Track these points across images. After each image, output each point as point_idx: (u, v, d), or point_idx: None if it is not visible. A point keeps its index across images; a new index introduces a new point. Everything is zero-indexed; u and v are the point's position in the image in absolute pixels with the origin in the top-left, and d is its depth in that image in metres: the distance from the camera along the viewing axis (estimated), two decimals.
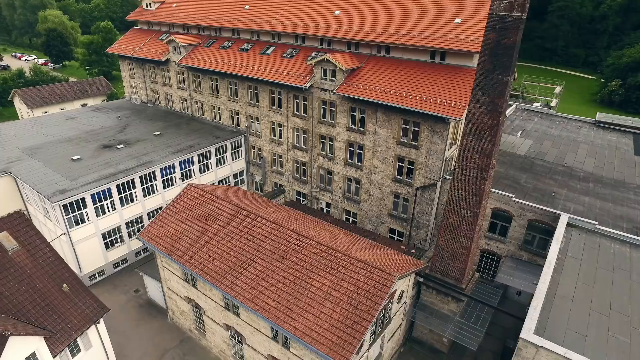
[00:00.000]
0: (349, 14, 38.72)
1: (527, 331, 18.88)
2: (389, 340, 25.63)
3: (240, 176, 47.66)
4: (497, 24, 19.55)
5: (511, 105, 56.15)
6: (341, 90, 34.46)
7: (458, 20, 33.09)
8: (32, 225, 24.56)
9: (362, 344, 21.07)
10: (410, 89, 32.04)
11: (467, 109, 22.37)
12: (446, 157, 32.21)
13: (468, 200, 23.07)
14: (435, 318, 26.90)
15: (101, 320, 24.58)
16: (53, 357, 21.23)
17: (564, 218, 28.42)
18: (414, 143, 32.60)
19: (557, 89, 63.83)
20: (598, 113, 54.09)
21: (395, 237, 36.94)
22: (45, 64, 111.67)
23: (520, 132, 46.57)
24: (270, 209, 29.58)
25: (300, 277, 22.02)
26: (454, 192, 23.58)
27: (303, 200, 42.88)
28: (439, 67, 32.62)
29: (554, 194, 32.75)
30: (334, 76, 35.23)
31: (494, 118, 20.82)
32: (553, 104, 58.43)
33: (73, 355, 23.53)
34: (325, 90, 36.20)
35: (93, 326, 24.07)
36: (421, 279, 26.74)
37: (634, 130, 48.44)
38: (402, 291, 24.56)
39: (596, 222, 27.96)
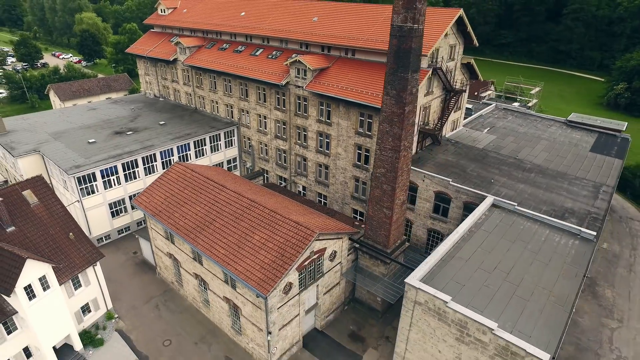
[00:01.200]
0: (324, 21, 44.48)
1: (412, 278, 24.14)
2: (325, 294, 31.26)
3: (233, 162, 54.30)
4: (397, 33, 24.89)
5: (491, 104, 60.15)
6: (310, 87, 40.30)
7: None
8: (49, 187, 31.85)
9: (289, 286, 26.90)
10: (367, 86, 37.45)
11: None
12: None
13: (387, 177, 28.41)
14: (369, 279, 32.27)
15: (98, 263, 31.55)
16: (60, 285, 28.16)
17: (489, 199, 33.15)
18: (368, 133, 38.01)
19: (535, 90, 66.71)
20: (573, 113, 57.21)
21: (358, 217, 42.33)
22: (79, 61, 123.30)
23: (488, 128, 50.81)
24: (241, 184, 35.81)
25: (246, 232, 28.09)
26: (376, 170, 29.00)
27: (282, 183, 48.94)
28: None
29: (492, 180, 37.29)
30: (305, 75, 41.10)
31: (401, 108, 26.14)
32: (530, 104, 61.60)
33: (75, 288, 30.58)
34: (298, 87, 42.12)
35: (91, 267, 31.04)
36: (357, 245, 32.20)
37: (599, 130, 51.48)
38: (335, 251, 30.15)
39: (516, 204, 32.54)
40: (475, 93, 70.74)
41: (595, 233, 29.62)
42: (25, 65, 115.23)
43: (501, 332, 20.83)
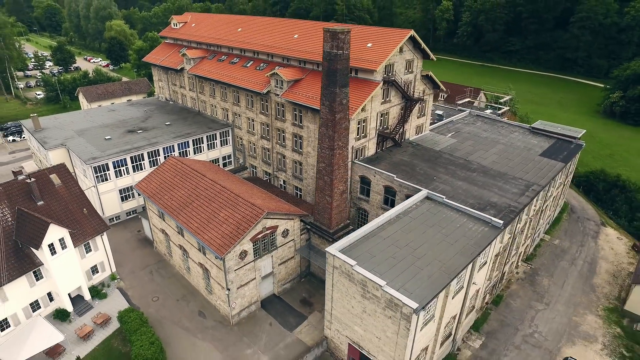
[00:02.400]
0: (303, 39, 52.19)
1: (331, 248, 31.38)
2: (280, 265, 38.90)
3: (228, 158, 62.75)
4: (327, 57, 32.32)
5: (465, 111, 66.08)
6: (284, 95, 48.10)
7: (370, 44, 45.40)
8: (70, 172, 40.98)
9: (244, 253, 34.70)
10: None
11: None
12: (353, 146, 44.62)
13: (326, 170, 35.80)
14: (318, 255, 39.64)
15: (105, 234, 40.38)
16: (74, 247, 37.02)
17: (423, 193, 39.87)
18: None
19: (505, 98, 71.86)
20: (539, 121, 62.38)
21: None
22: (107, 65, 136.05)
23: (452, 133, 57.03)
24: (221, 175, 43.97)
25: (215, 210, 36.14)
26: (319, 164, 36.44)
27: (267, 178, 56.91)
28: (353, 80, 45.08)
29: (435, 178, 43.89)
30: (282, 85, 48.92)
31: (333, 115, 33.51)
32: (501, 111, 67.01)
33: (87, 252, 39.49)
34: (277, 95, 49.98)
35: (99, 236, 39.89)
36: (308, 226, 39.67)
37: (558, 136, 56.62)
38: (287, 229, 37.77)
39: (444, 197, 39.08)
40: (458, 100, 76.71)
41: (502, 222, 35.81)
42: (60, 69, 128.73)
43: (388, 288, 27.83)
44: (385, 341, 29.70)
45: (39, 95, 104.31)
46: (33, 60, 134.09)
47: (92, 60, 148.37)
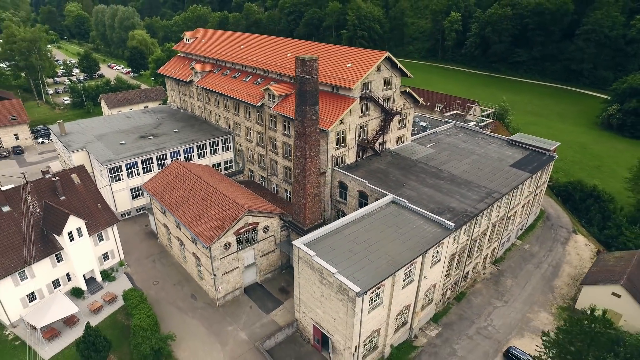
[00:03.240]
0: (294, 57, 58.59)
1: (297, 241, 37.44)
2: (262, 257, 45.24)
3: (229, 163, 69.73)
4: (299, 80, 38.65)
5: (450, 123, 71.14)
6: (275, 108, 54.66)
7: (350, 64, 51.51)
8: (87, 173, 48.51)
9: (228, 245, 41.18)
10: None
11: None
12: (332, 155, 50.67)
13: (300, 176, 42.00)
14: None
15: (115, 226, 47.64)
16: (89, 236, 44.31)
17: (389, 197, 45.53)
18: None
19: (488, 111, 76.33)
20: (518, 133, 66.87)
21: None
22: (128, 73, 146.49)
23: (432, 143, 62.32)
24: (216, 178, 50.73)
25: (207, 207, 42.82)
26: (294, 170, 42.67)
27: (261, 181, 63.47)
28: (334, 95, 51.28)
29: (404, 185, 49.45)
30: (274, 99, 55.50)
31: (304, 129, 39.76)
32: (483, 123, 71.74)
33: (99, 241, 46.79)
34: (270, 107, 56.59)
35: (110, 228, 47.18)
36: (287, 224, 45.89)
37: (532, 148, 61.04)
38: (267, 226, 44.09)
39: (407, 201, 44.63)
40: (447, 112, 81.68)
41: (453, 224, 41.10)
42: (85, 76, 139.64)
43: (338, 275, 33.68)
44: (339, 321, 35.52)
45: (66, 101, 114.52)
46: (62, 67, 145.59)
47: (114, 68, 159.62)
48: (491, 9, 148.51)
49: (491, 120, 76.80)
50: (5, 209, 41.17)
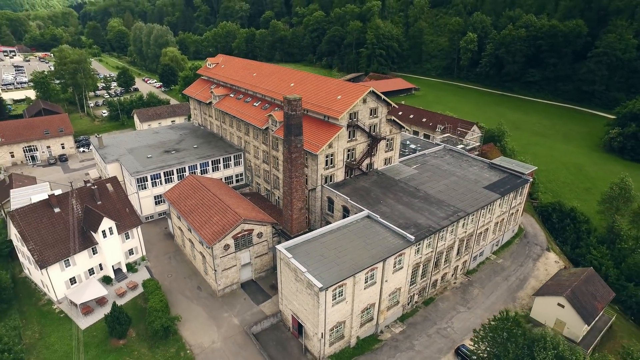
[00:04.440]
0: (297, 86, 68.73)
1: (280, 246, 46.83)
2: (256, 258, 54.96)
3: (240, 176, 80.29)
4: (286, 116, 48.39)
5: (440, 145, 78.88)
6: (276, 132, 64.64)
7: (339, 97, 60.92)
8: (119, 182, 60.02)
9: (227, 246, 51.16)
10: (307, 135, 60.59)
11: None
12: (322, 174, 59.99)
13: (288, 192, 51.53)
14: None
15: (139, 227, 58.71)
16: (118, 234, 55.46)
17: (365, 212, 54.24)
18: (306, 165, 61.06)
19: (475, 135, 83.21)
20: (500, 157, 73.79)
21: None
22: (160, 87, 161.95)
23: (418, 165, 70.42)
24: (223, 190, 61.07)
25: (211, 215, 53.06)
26: (283, 188, 52.26)
27: (265, 193, 73.50)
28: (324, 123, 60.75)
29: (382, 202, 58.02)
30: (276, 124, 65.56)
31: (290, 154, 49.37)
32: (469, 147, 78.95)
33: (126, 238, 57.93)
34: (272, 131, 66.68)
35: (135, 228, 58.29)
36: (277, 231, 55.42)
37: (510, 171, 67.92)
38: (261, 232, 53.79)
39: (379, 217, 53.19)
40: (439, 135, 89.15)
41: (414, 237, 49.31)
42: (122, 90, 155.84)
43: (307, 274, 42.70)
44: (309, 312, 44.50)
45: (104, 113, 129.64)
46: (102, 81, 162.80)
47: (148, 82, 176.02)
48: (505, 30, 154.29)
49: (478, 144, 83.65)
50: (56, 210, 52.89)
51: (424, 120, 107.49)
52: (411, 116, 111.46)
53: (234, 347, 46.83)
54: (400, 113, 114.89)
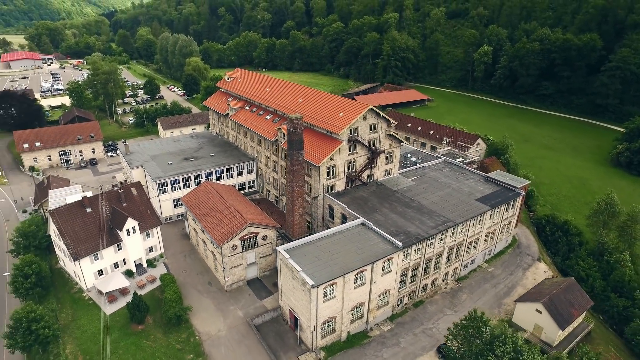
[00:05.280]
0: (305, 102, 75.40)
1: (280, 248, 53.24)
2: (261, 258, 61.57)
3: (252, 184, 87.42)
4: (288, 133, 54.99)
5: (440, 159, 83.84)
6: (283, 145, 71.33)
7: (341, 113, 67.17)
8: (142, 186, 67.92)
9: (235, 247, 58.00)
10: (311, 147, 67.07)
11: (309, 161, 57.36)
12: (323, 184, 66.24)
13: (290, 200, 58.01)
14: None
15: (158, 227, 66.35)
16: (140, 233, 63.17)
17: (360, 220, 60.09)
18: (309, 176, 67.43)
19: (474, 149, 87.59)
20: (497, 171, 78.15)
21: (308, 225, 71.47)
22: (183, 95, 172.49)
23: (416, 177, 75.68)
24: (234, 196, 68.12)
25: (222, 219, 60.07)
26: (287, 196, 58.75)
27: (274, 200, 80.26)
28: (327, 137, 67.04)
29: (377, 210, 63.72)
30: (283, 137, 72.26)
31: (292, 166, 55.90)
32: (467, 160, 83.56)
33: (147, 237, 65.64)
34: (281, 142, 73.44)
35: (155, 228, 65.96)
36: (281, 235, 61.89)
37: (503, 185, 72.31)
38: (265, 235, 60.40)
39: (372, 224, 58.91)
40: (440, 149, 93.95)
41: (402, 244, 54.78)
42: (147, 98, 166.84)
43: (302, 272, 48.86)
44: (304, 307, 50.58)
45: (130, 120, 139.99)
46: (130, 89, 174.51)
47: (172, 90, 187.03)
48: (519, 43, 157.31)
49: (477, 158, 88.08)
50: (88, 209, 61.01)
51: (431, 132, 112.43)
52: (419, 128, 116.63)
53: (237, 336, 53.38)
54: (409, 125, 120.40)
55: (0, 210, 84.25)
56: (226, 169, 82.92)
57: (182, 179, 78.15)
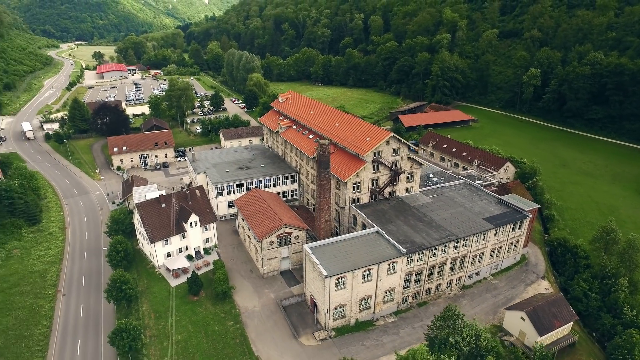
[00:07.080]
0: (341, 126, 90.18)
1: (305, 245, 68.12)
2: (293, 254, 76.94)
3: (294, 192, 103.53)
4: (318, 155, 69.96)
5: (461, 180, 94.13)
6: None
7: (368, 138, 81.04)
8: (204, 189, 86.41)
9: (272, 242, 73.93)
10: (342, 166, 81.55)
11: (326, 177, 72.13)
12: (349, 197, 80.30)
13: (318, 209, 72.82)
14: None
15: (214, 223, 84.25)
16: (200, 226, 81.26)
17: (375, 229, 73.33)
18: (338, 189, 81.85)
19: (494, 173, 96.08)
20: (511, 194, 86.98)
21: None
22: (244, 107, 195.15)
23: (433, 195, 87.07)
24: (275, 202, 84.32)
25: (264, 219, 76.33)
26: (316, 205, 73.59)
27: (312, 207, 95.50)
28: (355, 158, 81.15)
29: (392, 222, 76.49)
30: None
31: (320, 182, 70.79)
32: (485, 183, 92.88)
33: (205, 230, 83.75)
34: None
35: (212, 224, 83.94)
36: (310, 235, 76.76)
37: (513, 207, 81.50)
38: (297, 235, 75.66)
39: (385, 232, 71.84)
40: (463, 172, 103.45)
41: (405, 250, 67.18)
42: (212, 109, 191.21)
43: (319, 265, 63.26)
44: (320, 294, 64.85)
45: (197, 130, 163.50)
46: (198, 100, 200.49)
47: (235, 102, 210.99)
48: (569, 67, 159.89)
49: (495, 181, 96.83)
50: (163, 205, 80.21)
51: (464, 154, 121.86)
52: (454, 149, 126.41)
53: (267, 312, 68.92)
54: (444, 146, 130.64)
55: (97, 201, 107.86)
56: (273, 178, 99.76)
57: (236, 185, 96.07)
